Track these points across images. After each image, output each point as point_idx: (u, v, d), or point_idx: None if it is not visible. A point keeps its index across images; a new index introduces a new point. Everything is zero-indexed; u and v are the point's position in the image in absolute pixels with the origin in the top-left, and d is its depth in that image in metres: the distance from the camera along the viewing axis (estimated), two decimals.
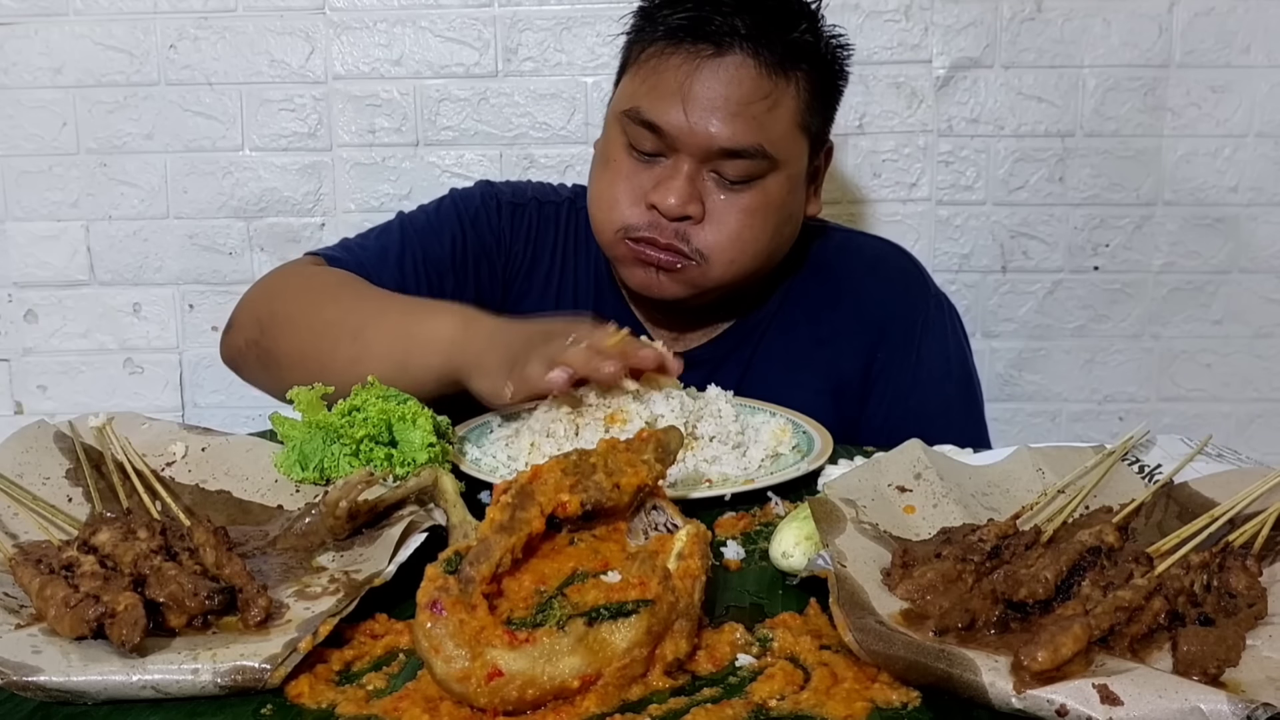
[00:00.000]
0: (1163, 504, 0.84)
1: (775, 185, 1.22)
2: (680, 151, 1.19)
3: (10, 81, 1.88)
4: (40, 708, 0.62)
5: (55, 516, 0.82)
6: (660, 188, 1.19)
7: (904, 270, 1.42)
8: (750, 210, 1.21)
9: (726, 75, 1.17)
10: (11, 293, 1.95)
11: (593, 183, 1.29)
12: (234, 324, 1.28)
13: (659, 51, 1.21)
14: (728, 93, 1.17)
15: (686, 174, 1.19)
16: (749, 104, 1.18)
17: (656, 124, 1.19)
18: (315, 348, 1.17)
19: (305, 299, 1.23)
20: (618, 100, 1.26)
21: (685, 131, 1.18)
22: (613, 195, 1.23)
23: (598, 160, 1.29)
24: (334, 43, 1.88)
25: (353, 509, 0.80)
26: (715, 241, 1.21)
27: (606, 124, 1.29)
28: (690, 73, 1.18)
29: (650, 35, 1.23)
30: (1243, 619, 0.65)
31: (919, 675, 0.61)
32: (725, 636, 0.68)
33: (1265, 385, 1.97)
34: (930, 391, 1.34)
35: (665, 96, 1.19)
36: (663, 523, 0.74)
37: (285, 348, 1.20)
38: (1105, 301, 1.94)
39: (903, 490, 0.86)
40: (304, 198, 1.92)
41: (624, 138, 1.23)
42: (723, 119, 1.17)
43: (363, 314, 1.18)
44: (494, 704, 0.59)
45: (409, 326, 1.14)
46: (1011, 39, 1.85)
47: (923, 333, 1.36)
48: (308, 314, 1.21)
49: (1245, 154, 1.88)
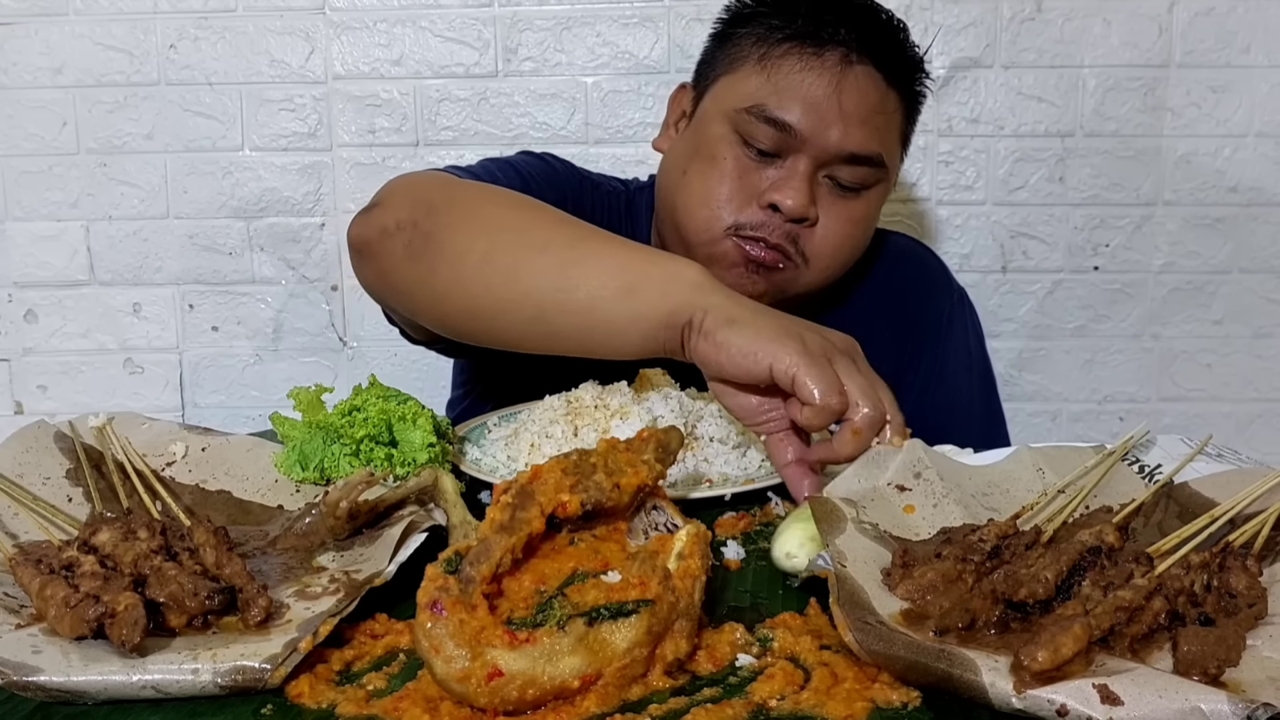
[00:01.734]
0: (1163, 504, 0.84)
1: (878, 196, 1.25)
2: (801, 153, 1.18)
3: (10, 81, 1.88)
4: (40, 708, 0.62)
5: (55, 516, 0.82)
6: (780, 187, 1.18)
7: (929, 267, 1.44)
8: (856, 220, 1.23)
9: (857, 83, 1.18)
10: (11, 293, 1.96)
11: (692, 182, 1.23)
12: (383, 202, 1.04)
13: (785, 53, 1.20)
14: (859, 99, 1.18)
15: (806, 175, 1.18)
16: (875, 113, 1.19)
17: (785, 121, 1.17)
18: (508, 246, 0.93)
19: (494, 196, 1.03)
20: (731, 97, 1.22)
21: (815, 133, 1.17)
22: (724, 192, 1.20)
23: (700, 158, 1.24)
24: (334, 43, 1.88)
25: (353, 509, 0.80)
26: (821, 246, 1.21)
27: (706, 121, 1.24)
28: (823, 74, 1.18)
29: (772, 36, 1.21)
30: (1243, 619, 0.65)
31: (919, 675, 0.61)
32: (725, 636, 0.68)
33: (1265, 385, 1.97)
34: (954, 385, 1.36)
35: (796, 97, 1.18)
36: (663, 523, 0.74)
37: (460, 237, 0.95)
38: (1105, 301, 1.94)
39: (902, 490, 0.86)
40: (304, 198, 1.92)
41: (735, 136, 1.21)
42: (854, 124, 1.18)
43: (576, 229, 0.96)
44: (494, 704, 0.59)
45: (640, 254, 0.93)
46: (1011, 39, 1.85)
47: (947, 328, 1.38)
48: (503, 210, 0.99)
49: (1245, 154, 1.88)
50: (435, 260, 0.96)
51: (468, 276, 0.92)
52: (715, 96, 1.25)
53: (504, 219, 0.97)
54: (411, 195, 1.03)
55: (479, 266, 0.93)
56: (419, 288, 0.97)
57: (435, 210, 0.99)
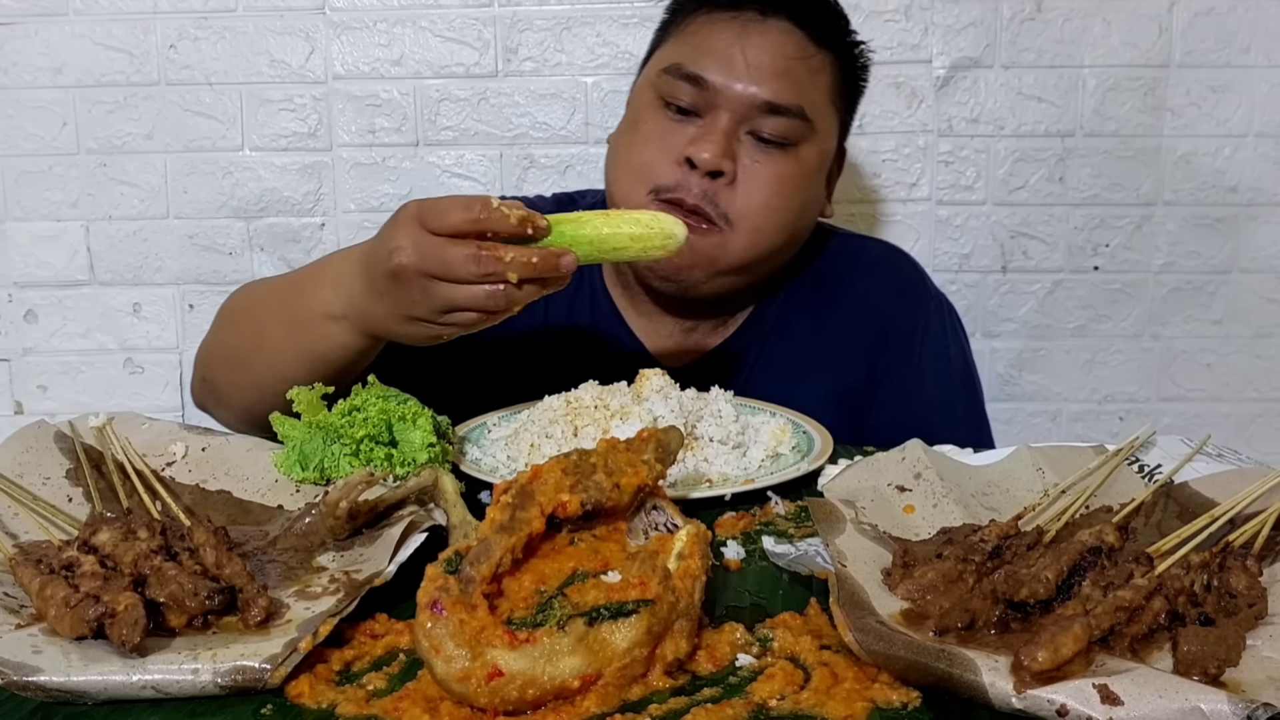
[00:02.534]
0: (1162, 504, 0.84)
1: (807, 155, 1.23)
2: (719, 107, 1.19)
3: (10, 81, 1.88)
4: (40, 708, 0.62)
5: (55, 516, 0.82)
6: (696, 141, 1.18)
7: (904, 274, 1.42)
8: (781, 177, 1.21)
9: (772, 37, 1.20)
10: (11, 293, 1.95)
11: (618, 151, 1.27)
12: (193, 387, 1.24)
13: (704, 15, 1.23)
14: (774, 50, 1.19)
15: (724, 129, 1.18)
16: (793, 61, 1.20)
17: (699, 75, 1.19)
18: (238, 371, 1.13)
19: (222, 323, 1.20)
20: (654, 63, 1.26)
21: (728, 84, 1.18)
22: (645, 156, 1.21)
23: (624, 128, 1.28)
24: (334, 43, 1.88)
25: (353, 509, 0.80)
26: (744, 205, 1.19)
27: (636, 93, 1.29)
28: (737, 31, 1.20)
29: (694, 4, 1.25)
30: (1243, 619, 0.65)
31: (919, 675, 0.61)
32: (725, 636, 0.68)
33: (1265, 385, 1.97)
34: (933, 394, 1.34)
35: (710, 52, 1.20)
36: (663, 523, 0.74)
37: (222, 380, 1.16)
38: (1105, 301, 1.94)
39: (902, 490, 0.86)
40: (304, 198, 1.92)
41: (657, 99, 1.22)
42: (768, 74, 1.18)
43: (256, 318, 1.13)
44: (494, 704, 0.59)
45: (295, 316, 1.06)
46: (1011, 39, 1.85)
47: (924, 336, 1.35)
48: (223, 339, 1.18)
49: (1245, 154, 1.88)
50: (227, 403, 1.17)
51: (245, 400, 1.10)
52: (645, 73, 1.29)
53: (228, 342, 1.17)
54: (199, 353, 1.21)
55: (244, 392, 1.11)
56: (236, 418, 1.14)
57: (207, 364, 1.19)
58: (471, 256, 0.87)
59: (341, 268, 1.02)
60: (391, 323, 0.96)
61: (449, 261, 0.87)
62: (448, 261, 0.87)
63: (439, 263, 0.88)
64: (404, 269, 0.89)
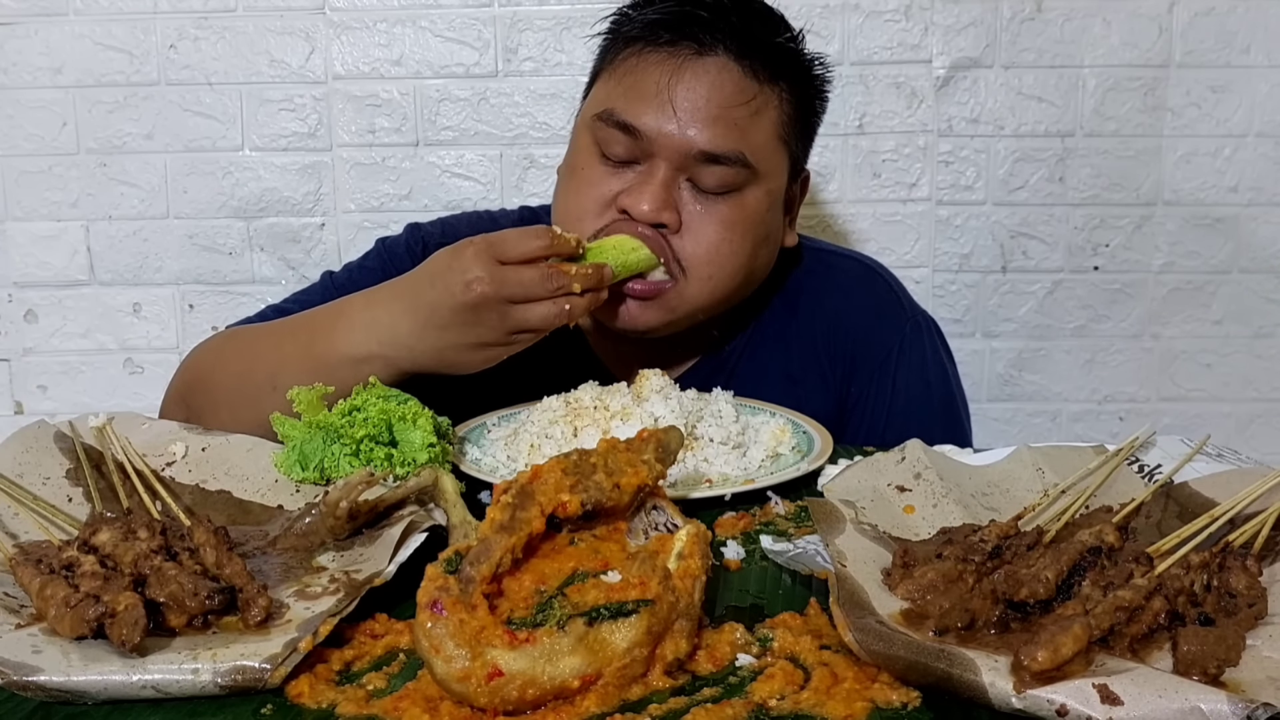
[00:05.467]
0: (1162, 504, 0.84)
1: (754, 199, 1.16)
2: (655, 156, 1.13)
3: (10, 81, 1.88)
4: (40, 708, 0.62)
5: (55, 516, 0.82)
6: (632, 192, 1.12)
7: (876, 295, 1.35)
8: (728, 222, 1.14)
9: (709, 77, 1.12)
10: (11, 293, 1.95)
11: (558, 196, 1.21)
12: (163, 414, 1.17)
13: (637, 52, 1.16)
14: (709, 94, 1.12)
15: (662, 180, 1.12)
16: (731, 107, 1.12)
17: (632, 125, 1.12)
18: (242, 409, 1.08)
19: (213, 363, 1.16)
20: (589, 106, 1.20)
21: (662, 133, 1.11)
22: (580, 205, 1.15)
23: (563, 174, 1.22)
24: (334, 43, 1.88)
25: (353, 509, 0.80)
26: (693, 253, 1.14)
27: (575, 135, 1.22)
28: (670, 72, 1.12)
29: (627, 35, 1.17)
30: (1243, 619, 0.65)
31: (919, 675, 0.61)
32: (725, 636, 0.68)
33: (1265, 385, 1.97)
34: (908, 420, 1.27)
35: (642, 97, 1.12)
36: (663, 523, 0.74)
37: (221, 419, 1.09)
38: (1105, 301, 1.94)
39: (902, 490, 0.86)
40: (304, 198, 1.92)
41: (595, 146, 1.16)
42: (703, 121, 1.11)
43: (265, 362, 1.10)
44: (494, 704, 0.59)
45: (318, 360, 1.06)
46: (1011, 39, 1.85)
47: (898, 360, 1.30)
48: (220, 382, 1.14)
49: (1245, 154, 1.88)
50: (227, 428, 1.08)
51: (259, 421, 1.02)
52: (582, 112, 1.22)
53: (227, 382, 1.12)
54: (176, 395, 1.17)
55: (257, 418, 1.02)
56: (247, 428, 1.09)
57: (191, 406, 1.14)
58: (545, 275, 0.99)
59: (374, 311, 1.06)
60: (452, 353, 1.03)
61: (527, 284, 0.99)
62: (526, 284, 0.99)
63: (518, 286, 0.99)
64: (486, 298, 0.98)
